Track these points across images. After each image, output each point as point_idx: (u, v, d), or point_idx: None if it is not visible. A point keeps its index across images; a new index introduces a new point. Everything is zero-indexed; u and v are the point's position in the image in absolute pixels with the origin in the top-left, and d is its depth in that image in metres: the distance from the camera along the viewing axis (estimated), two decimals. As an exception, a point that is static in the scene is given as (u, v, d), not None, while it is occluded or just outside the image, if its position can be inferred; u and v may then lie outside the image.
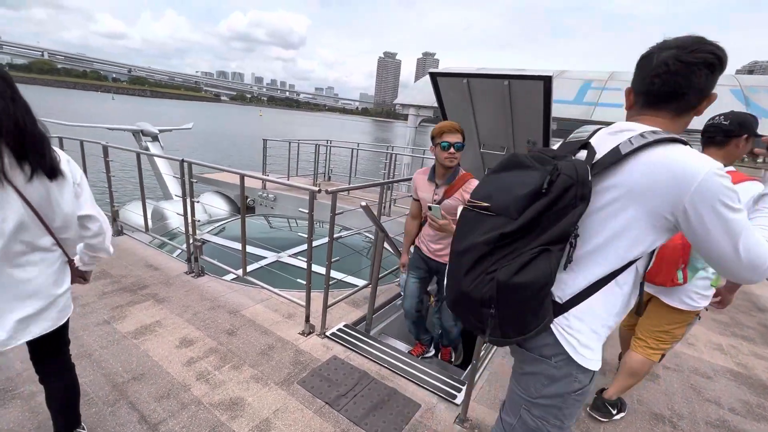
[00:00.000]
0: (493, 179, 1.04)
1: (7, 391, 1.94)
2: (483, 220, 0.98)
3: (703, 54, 0.88)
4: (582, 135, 1.10)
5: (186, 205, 3.38)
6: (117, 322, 2.63)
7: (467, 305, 0.99)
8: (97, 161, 4.34)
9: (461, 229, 1.04)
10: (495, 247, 0.92)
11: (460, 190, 2.25)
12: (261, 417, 1.93)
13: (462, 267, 0.97)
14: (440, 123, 2.24)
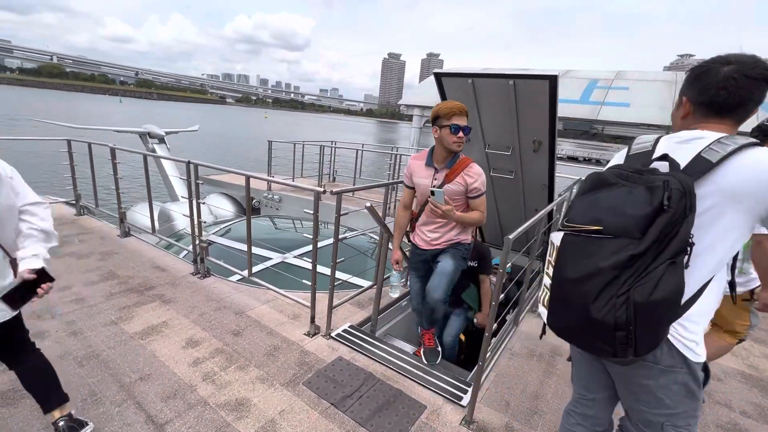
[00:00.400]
0: (591, 202, 1.05)
1: (17, 391, 1.96)
2: (599, 243, 0.98)
3: (762, 71, 0.98)
4: (645, 145, 1.13)
5: (192, 206, 3.40)
6: (124, 322, 2.65)
7: (596, 332, 0.97)
8: (106, 164, 4.39)
9: (568, 255, 1.04)
10: (623, 269, 0.92)
11: (462, 174, 2.13)
12: (267, 418, 1.93)
13: (587, 294, 0.96)
14: (448, 103, 2.07)
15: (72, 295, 2.95)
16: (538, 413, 2.15)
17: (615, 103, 8.03)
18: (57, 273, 3.24)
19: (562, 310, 1.06)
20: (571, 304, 1.01)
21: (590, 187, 1.08)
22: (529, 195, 3.68)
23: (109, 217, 4.78)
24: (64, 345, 2.36)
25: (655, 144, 1.11)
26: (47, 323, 2.56)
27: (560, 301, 1.06)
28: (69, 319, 2.63)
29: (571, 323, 1.04)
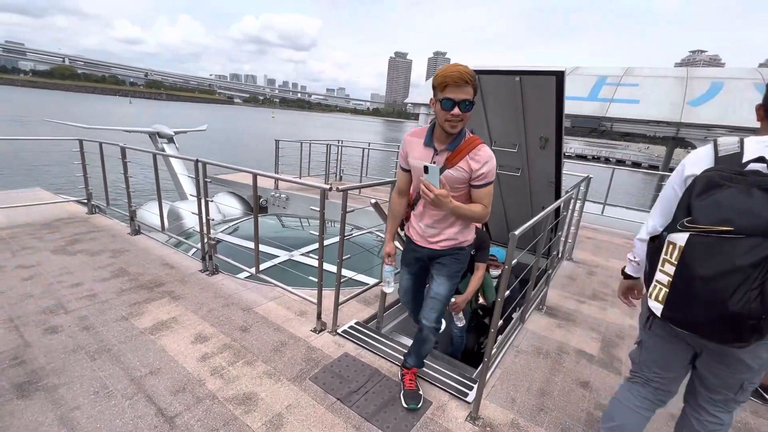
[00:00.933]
0: (711, 204, 1.13)
1: (31, 384, 2.01)
2: (732, 243, 1.07)
3: None
4: (731, 147, 1.22)
5: (201, 204, 3.44)
6: (135, 318, 2.70)
7: (728, 323, 1.08)
8: (117, 163, 4.46)
9: (697, 254, 1.13)
10: (758, 266, 1.03)
11: (466, 158, 1.70)
12: (274, 412, 1.96)
13: (724, 290, 1.06)
14: (444, 69, 1.59)
15: (84, 291, 3.01)
16: (544, 410, 2.14)
17: (624, 100, 7.93)
18: (69, 269, 3.32)
19: (688, 305, 1.15)
20: (702, 300, 1.11)
21: (702, 189, 1.16)
22: (535, 192, 3.66)
23: (120, 215, 4.85)
24: (77, 339, 2.41)
25: (741, 146, 1.20)
26: (60, 318, 2.62)
27: (687, 297, 1.15)
28: (81, 315, 2.68)
29: (699, 317, 1.13)
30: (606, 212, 6.55)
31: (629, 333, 3.09)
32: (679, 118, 7.25)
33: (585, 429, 2.04)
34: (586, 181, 4.36)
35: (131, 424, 1.81)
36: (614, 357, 2.74)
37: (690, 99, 7.53)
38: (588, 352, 2.77)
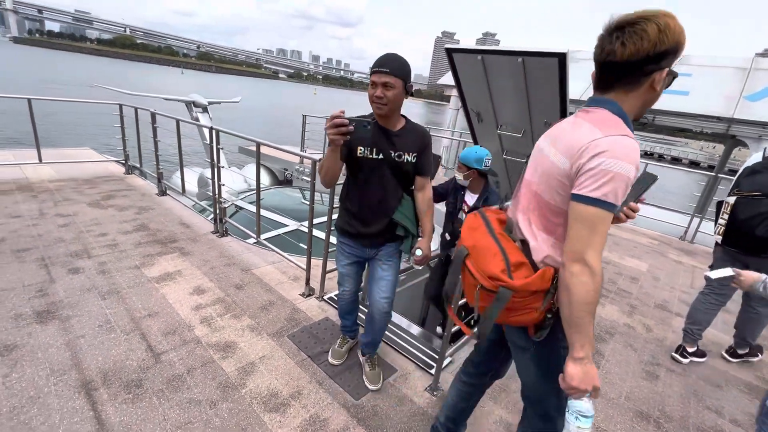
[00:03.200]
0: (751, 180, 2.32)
1: (49, 312, 2.32)
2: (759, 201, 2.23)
3: None
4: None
5: (213, 169, 3.66)
6: (145, 268, 2.98)
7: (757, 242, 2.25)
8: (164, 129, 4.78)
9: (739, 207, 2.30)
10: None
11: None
12: (248, 360, 2.14)
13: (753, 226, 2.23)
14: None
15: (108, 241, 3.35)
16: (506, 391, 2.19)
17: (671, 91, 7.28)
18: (99, 221, 3.67)
19: (734, 235, 2.35)
20: (741, 231, 2.29)
21: (749, 172, 2.35)
22: (543, 181, 3.55)
23: (153, 177, 5.25)
24: (93, 280, 2.72)
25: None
26: (83, 261, 2.95)
27: (735, 231, 2.33)
28: (101, 260, 3.00)
29: (740, 241, 2.33)
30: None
31: (622, 331, 3.01)
32: (732, 113, 6.61)
33: (543, 413, 2.07)
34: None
35: (124, 355, 2.06)
36: (597, 351, 2.70)
37: (748, 93, 6.82)
38: (570, 344, 2.74)
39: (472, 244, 1.13)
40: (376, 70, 1.54)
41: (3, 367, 1.88)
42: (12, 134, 13.71)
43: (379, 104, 1.58)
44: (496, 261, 1.05)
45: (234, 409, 1.81)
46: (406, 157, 1.68)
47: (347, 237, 1.87)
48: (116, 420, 1.68)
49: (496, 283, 1.02)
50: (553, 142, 1.08)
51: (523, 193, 1.18)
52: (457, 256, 1.17)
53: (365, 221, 1.79)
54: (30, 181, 4.61)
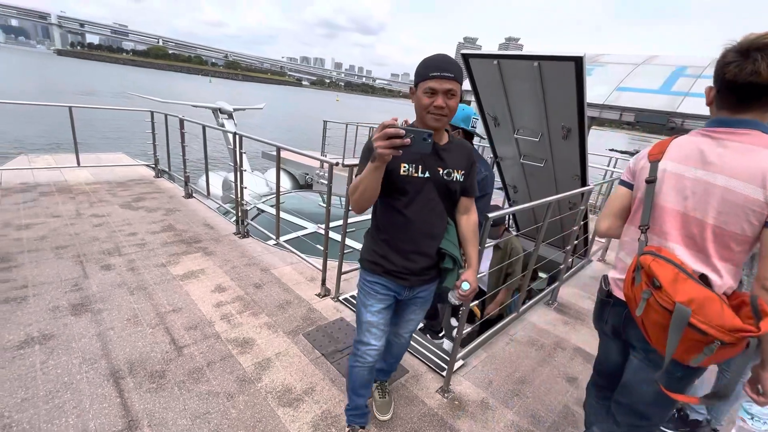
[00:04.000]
0: None
1: (83, 305, 2.48)
2: None
3: None
4: None
5: (237, 173, 3.81)
6: (171, 266, 3.13)
7: None
8: (188, 134, 5.02)
9: None
10: None
11: None
12: (264, 356, 2.22)
13: None
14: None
15: (137, 240, 3.53)
16: (519, 395, 2.17)
17: (702, 95, 7.03)
18: (130, 221, 3.88)
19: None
20: None
21: None
22: (561, 185, 3.51)
23: (180, 180, 5.48)
24: (123, 277, 2.88)
25: None
26: (114, 259, 3.13)
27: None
28: (131, 258, 3.17)
29: None
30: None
31: (643, 340, 2.92)
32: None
33: (557, 420, 2.05)
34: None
35: (149, 347, 2.17)
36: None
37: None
38: (587, 351, 2.69)
39: (687, 299, 1.00)
40: (437, 75, 1.24)
41: (41, 354, 2.02)
42: (53, 140, 14.60)
43: (439, 115, 1.28)
44: (726, 311, 0.97)
45: (250, 402, 1.88)
46: (455, 175, 1.39)
47: (382, 275, 1.47)
48: (140, 407, 1.78)
49: (741, 335, 0.93)
50: (710, 167, 1.07)
51: (672, 225, 1.15)
52: (679, 318, 1.01)
53: (409, 255, 1.43)
54: (69, 183, 4.91)
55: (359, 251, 1.59)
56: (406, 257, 1.44)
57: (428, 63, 1.27)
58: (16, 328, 2.20)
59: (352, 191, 1.30)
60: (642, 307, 1.08)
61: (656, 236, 1.19)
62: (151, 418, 1.73)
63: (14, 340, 2.10)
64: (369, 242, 1.53)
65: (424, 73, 1.27)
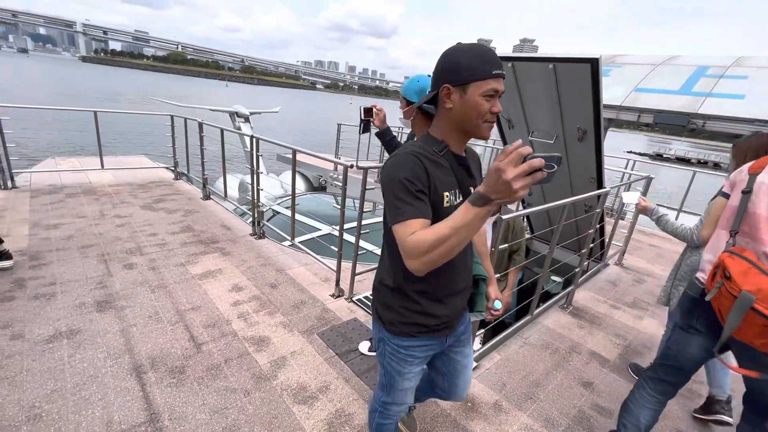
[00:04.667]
0: None
1: (107, 303, 2.57)
2: None
3: None
4: None
5: (253, 175, 3.89)
6: (190, 265, 3.22)
7: None
8: (204, 137, 5.15)
9: None
10: None
11: None
12: (279, 354, 2.26)
13: None
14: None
15: (158, 240, 3.64)
16: (532, 399, 2.16)
17: (725, 95, 6.83)
18: (151, 222, 4.00)
19: None
20: None
21: None
22: (577, 188, 3.47)
23: (198, 182, 5.62)
24: (145, 275, 2.97)
25: None
26: (136, 258, 3.23)
27: None
28: (152, 258, 3.27)
29: None
30: (681, 219, 5.84)
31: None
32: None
33: (571, 424, 2.02)
34: (646, 182, 3.99)
35: (169, 344, 2.24)
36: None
37: (814, 95, 6.26)
38: (603, 356, 2.65)
39: (755, 288, 1.19)
40: (499, 73, 0.98)
41: (69, 348, 2.11)
42: (78, 143, 15.13)
43: (492, 123, 1.05)
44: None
45: (266, 399, 1.92)
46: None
47: (424, 336, 1.19)
48: (162, 401, 1.84)
49: None
50: None
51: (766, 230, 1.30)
52: (742, 302, 1.21)
53: (450, 298, 1.18)
54: (93, 185, 5.10)
55: (372, 252, 1.52)
56: (449, 302, 1.18)
57: (485, 56, 0.96)
58: (46, 322, 2.30)
59: (434, 245, 0.87)
60: (713, 293, 1.30)
61: (750, 241, 1.34)
62: (172, 412, 1.79)
63: (44, 334, 2.20)
64: (394, 299, 1.16)
65: (483, 69, 0.95)
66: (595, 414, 2.11)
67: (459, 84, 0.97)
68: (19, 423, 1.64)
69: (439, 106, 1.05)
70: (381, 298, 1.21)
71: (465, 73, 0.96)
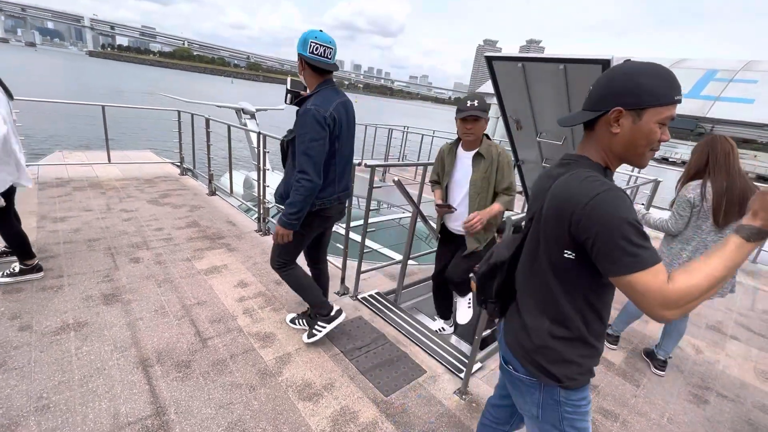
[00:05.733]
0: None
1: (114, 296, 2.59)
2: None
3: None
4: None
5: (260, 172, 3.89)
6: (196, 260, 3.23)
7: None
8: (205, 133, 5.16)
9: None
10: None
11: None
12: (285, 351, 2.27)
13: None
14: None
15: (164, 235, 3.65)
16: (537, 401, 2.15)
17: (734, 99, 6.78)
18: (157, 217, 4.01)
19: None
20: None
21: None
22: (584, 190, 3.45)
23: (204, 178, 5.64)
24: (151, 270, 2.98)
25: None
26: (143, 252, 3.25)
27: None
28: (158, 252, 3.29)
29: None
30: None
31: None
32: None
33: (576, 426, 2.01)
34: (653, 186, 3.96)
35: (175, 338, 2.25)
36: (636, 369, 2.57)
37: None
38: (609, 360, 2.64)
39: None
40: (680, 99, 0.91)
41: (76, 341, 2.12)
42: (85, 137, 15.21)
43: (655, 152, 1.02)
44: None
45: (271, 395, 1.93)
46: None
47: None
48: (168, 395, 1.85)
49: None
50: None
51: None
52: None
53: None
54: (100, 179, 5.12)
55: (378, 252, 1.56)
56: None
57: (670, 80, 0.88)
58: (54, 314, 2.32)
59: (707, 289, 0.80)
60: None
61: None
62: (178, 406, 1.79)
63: (51, 326, 2.22)
64: (573, 350, 1.03)
65: (667, 94, 0.87)
66: (600, 417, 2.10)
67: (635, 108, 0.88)
68: (27, 413, 1.66)
69: (599, 128, 0.96)
70: (554, 355, 1.03)
71: (647, 96, 0.87)
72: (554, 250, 0.97)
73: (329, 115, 1.88)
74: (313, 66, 1.92)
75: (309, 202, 1.93)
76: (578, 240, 0.90)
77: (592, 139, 0.98)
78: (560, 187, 0.94)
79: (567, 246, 0.93)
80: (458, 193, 2.43)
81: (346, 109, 2.05)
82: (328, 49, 1.92)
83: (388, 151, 8.65)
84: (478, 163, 2.32)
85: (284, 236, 1.98)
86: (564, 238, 0.93)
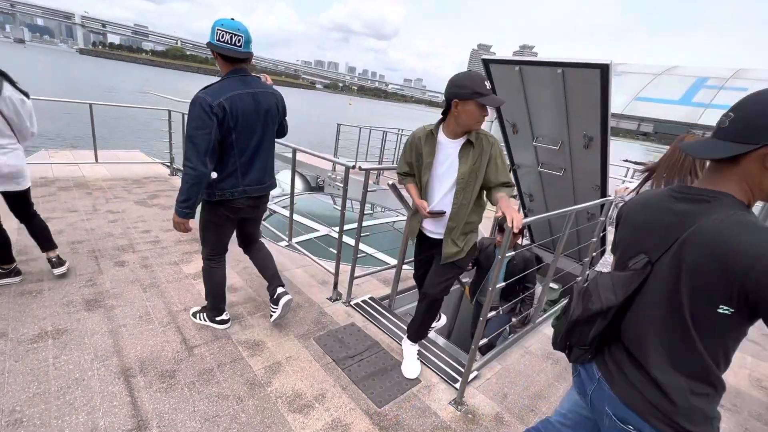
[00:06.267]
0: None
1: (97, 301, 2.48)
2: None
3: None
4: None
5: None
6: (183, 264, 3.13)
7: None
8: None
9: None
10: None
11: None
12: (274, 360, 2.19)
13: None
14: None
15: (151, 237, 3.55)
16: (534, 411, 2.10)
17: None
18: (144, 218, 3.89)
19: None
20: None
21: None
22: (580, 196, 3.43)
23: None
24: (136, 273, 2.88)
25: None
26: (128, 255, 3.14)
27: None
28: (144, 255, 3.18)
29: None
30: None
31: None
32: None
33: None
34: (648, 191, 3.95)
35: (160, 346, 2.16)
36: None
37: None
38: (605, 368, 2.60)
39: None
40: None
41: (54, 349, 2.02)
42: (72, 135, 14.92)
43: None
44: None
45: (259, 407, 1.85)
46: None
47: None
48: (150, 407, 1.76)
49: None
50: None
51: None
52: None
53: None
54: (86, 179, 4.98)
55: (371, 256, 1.49)
56: None
57: None
58: (31, 321, 2.21)
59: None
60: None
61: None
62: (161, 419, 1.70)
63: (28, 333, 2.11)
64: (712, 404, 0.95)
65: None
66: (598, 428, 2.05)
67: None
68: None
69: (747, 163, 0.85)
70: (700, 415, 0.92)
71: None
72: (703, 303, 0.84)
73: (217, 104, 1.84)
74: (222, 54, 1.91)
75: (196, 191, 1.92)
76: (753, 299, 0.77)
77: (734, 173, 0.86)
78: (722, 234, 0.81)
79: (727, 302, 0.81)
80: (439, 190, 1.98)
81: (256, 100, 1.99)
82: (236, 36, 1.88)
83: (383, 154, 8.60)
84: (466, 153, 1.87)
85: (179, 224, 2.06)
86: (725, 293, 0.80)
